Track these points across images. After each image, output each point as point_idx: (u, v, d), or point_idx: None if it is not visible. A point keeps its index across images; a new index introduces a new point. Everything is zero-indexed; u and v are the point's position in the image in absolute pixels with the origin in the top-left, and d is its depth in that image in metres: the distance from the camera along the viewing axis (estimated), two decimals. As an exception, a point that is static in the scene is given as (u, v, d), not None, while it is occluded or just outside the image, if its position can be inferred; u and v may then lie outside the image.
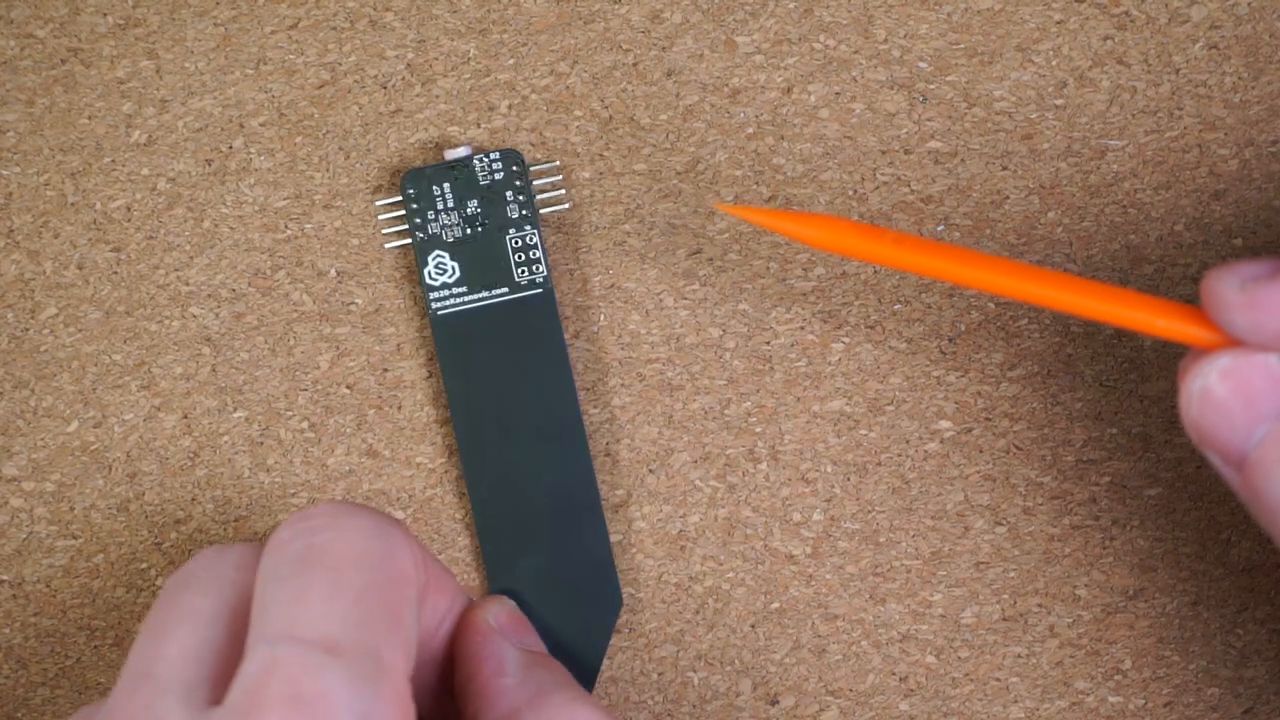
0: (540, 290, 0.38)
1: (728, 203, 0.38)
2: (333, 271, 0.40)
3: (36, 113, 0.40)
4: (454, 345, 0.38)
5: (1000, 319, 0.39)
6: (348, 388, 0.40)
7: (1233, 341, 0.31)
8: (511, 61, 0.40)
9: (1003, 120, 0.39)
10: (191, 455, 0.40)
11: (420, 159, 0.40)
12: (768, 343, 0.39)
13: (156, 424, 0.40)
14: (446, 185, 0.39)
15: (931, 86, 0.39)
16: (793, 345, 0.39)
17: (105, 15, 0.40)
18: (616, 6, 0.40)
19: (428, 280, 0.39)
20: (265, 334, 0.40)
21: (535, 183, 0.39)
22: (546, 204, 0.39)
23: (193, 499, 0.40)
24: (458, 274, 0.39)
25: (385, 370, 0.40)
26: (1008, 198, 0.39)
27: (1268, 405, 0.30)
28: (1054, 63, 0.39)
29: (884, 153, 0.39)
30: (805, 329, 0.39)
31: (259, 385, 0.40)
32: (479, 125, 0.40)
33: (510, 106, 0.40)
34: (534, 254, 0.38)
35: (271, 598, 0.30)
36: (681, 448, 0.39)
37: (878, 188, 0.39)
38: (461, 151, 0.39)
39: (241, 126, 0.40)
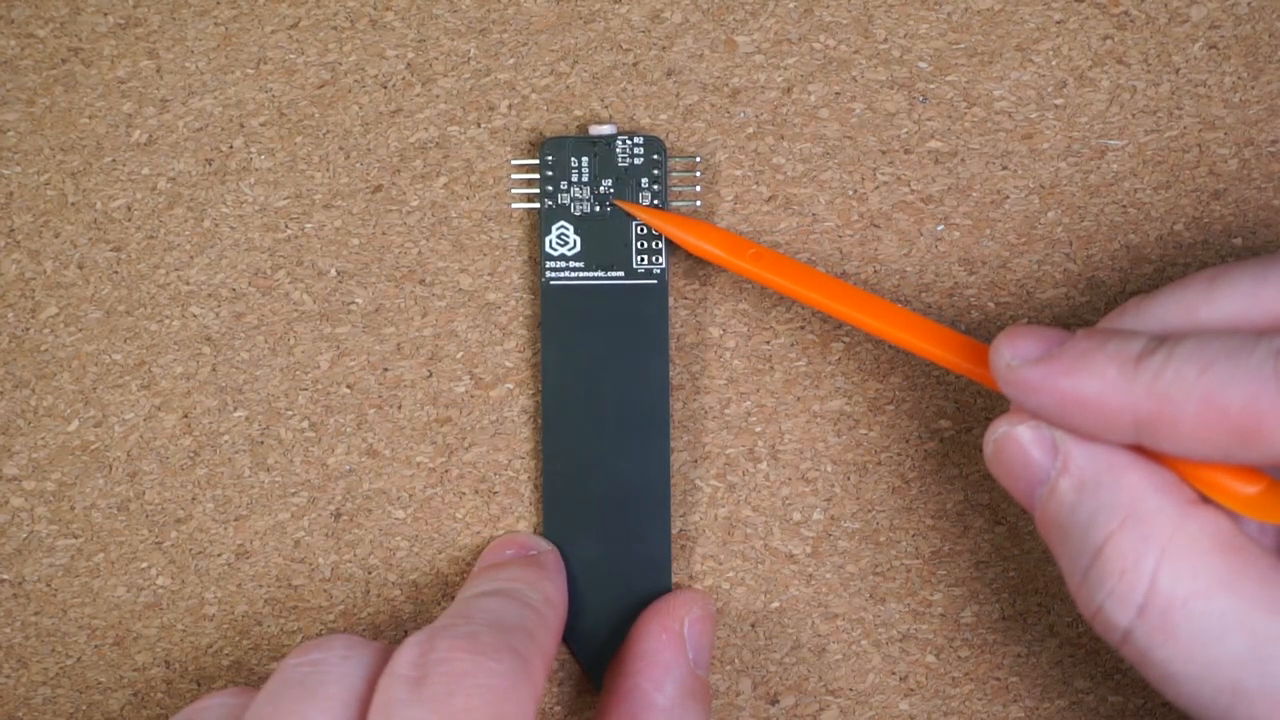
0: (655, 281, 0.39)
1: (625, 201, 0.39)
2: (333, 271, 0.40)
3: (37, 112, 0.40)
4: (559, 317, 0.39)
5: (1000, 319, 0.39)
6: (348, 388, 0.40)
7: None
8: (511, 61, 0.40)
9: (1003, 120, 0.39)
10: (191, 455, 0.40)
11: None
12: (768, 343, 0.39)
13: (156, 424, 0.40)
14: (585, 159, 0.39)
15: (931, 86, 0.39)
16: (793, 345, 0.39)
17: (105, 15, 0.40)
18: (616, 6, 0.40)
19: (547, 249, 0.39)
20: (265, 334, 0.40)
21: (672, 171, 0.39)
22: (678, 197, 0.39)
23: (193, 499, 0.40)
24: (578, 248, 0.39)
25: (385, 370, 0.40)
26: (1008, 198, 0.39)
27: (1040, 470, 0.33)
28: (1054, 63, 0.39)
29: (884, 153, 0.39)
30: (805, 329, 0.39)
31: (259, 385, 0.40)
32: (479, 125, 0.40)
33: (510, 106, 0.40)
34: (656, 244, 0.39)
35: None
36: (681, 447, 0.39)
37: (878, 188, 0.39)
38: (606, 129, 0.39)
39: (241, 126, 0.40)
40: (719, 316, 0.39)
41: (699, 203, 0.39)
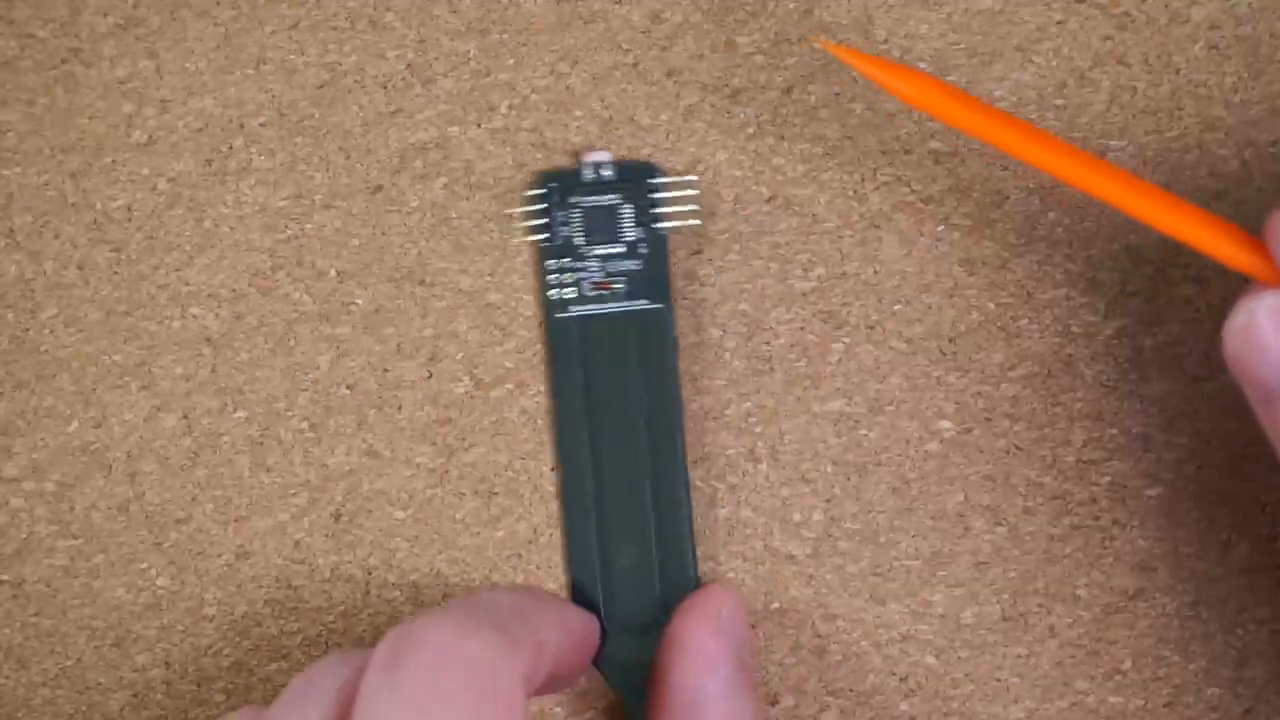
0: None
1: (830, 42, 0.38)
2: (332, 271, 0.40)
3: (37, 113, 0.40)
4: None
5: (1000, 319, 0.39)
6: (348, 388, 0.40)
7: None
8: (511, 61, 0.40)
9: (1003, 120, 0.39)
10: (191, 455, 0.40)
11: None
12: (768, 343, 0.39)
13: (156, 424, 0.40)
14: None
15: (931, 86, 0.39)
16: (793, 345, 0.39)
17: (105, 15, 0.40)
18: (616, 6, 0.40)
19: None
20: (265, 334, 0.40)
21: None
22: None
23: (193, 499, 0.40)
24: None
25: (385, 370, 0.40)
26: (1008, 198, 0.39)
27: None
28: (1054, 63, 0.39)
29: (884, 153, 0.39)
30: (805, 329, 0.39)
31: (259, 385, 0.40)
32: (479, 125, 0.40)
33: (510, 106, 0.40)
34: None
35: None
36: (681, 448, 0.39)
37: (878, 188, 0.39)
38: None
39: (241, 126, 0.40)
40: (719, 316, 0.39)
41: (698, 221, 0.39)
